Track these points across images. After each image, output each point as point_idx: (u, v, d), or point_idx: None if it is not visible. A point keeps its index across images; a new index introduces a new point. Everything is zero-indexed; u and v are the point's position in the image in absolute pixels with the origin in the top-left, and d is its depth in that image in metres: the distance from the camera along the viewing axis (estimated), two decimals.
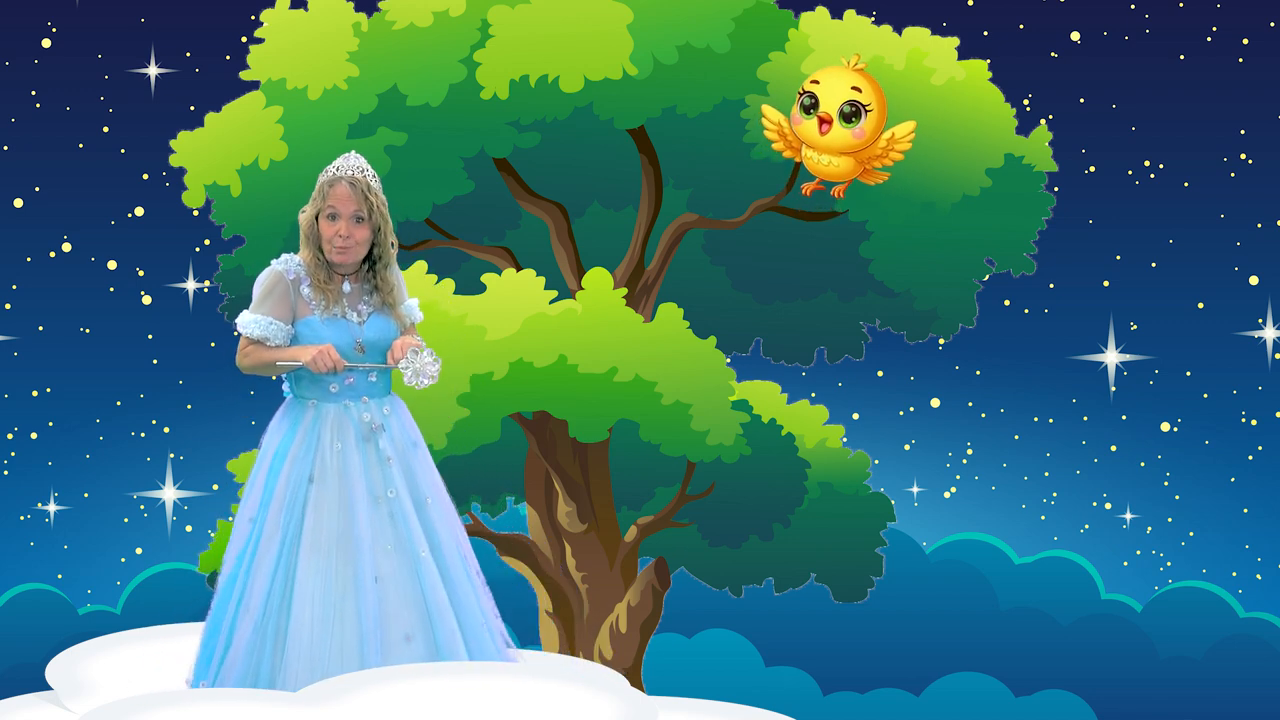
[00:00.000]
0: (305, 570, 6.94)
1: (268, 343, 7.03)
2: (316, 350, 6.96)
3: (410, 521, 7.06)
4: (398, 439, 7.14)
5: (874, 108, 8.94)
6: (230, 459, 11.33)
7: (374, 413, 7.10)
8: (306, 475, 7.02)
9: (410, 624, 7.00)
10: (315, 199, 7.09)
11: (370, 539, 6.98)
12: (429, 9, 10.89)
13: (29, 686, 7.66)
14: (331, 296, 7.07)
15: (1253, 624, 13.08)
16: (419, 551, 7.04)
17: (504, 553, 11.57)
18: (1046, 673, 12.93)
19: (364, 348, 7.09)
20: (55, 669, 7.47)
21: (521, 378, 10.58)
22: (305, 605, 6.93)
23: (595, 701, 6.86)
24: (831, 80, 8.89)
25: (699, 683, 12.27)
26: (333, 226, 7.06)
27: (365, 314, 7.13)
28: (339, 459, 7.04)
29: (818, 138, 8.92)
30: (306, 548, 6.96)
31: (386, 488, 7.06)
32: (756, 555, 11.59)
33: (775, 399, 11.67)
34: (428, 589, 7.03)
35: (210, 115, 11.27)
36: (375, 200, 7.10)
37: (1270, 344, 12.95)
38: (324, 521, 6.98)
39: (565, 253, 11.54)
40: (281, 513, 6.99)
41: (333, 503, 7.01)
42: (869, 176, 9.49)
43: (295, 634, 6.93)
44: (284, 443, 7.07)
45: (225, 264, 11.49)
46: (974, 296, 11.43)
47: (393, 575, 6.99)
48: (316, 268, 7.07)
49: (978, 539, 13.33)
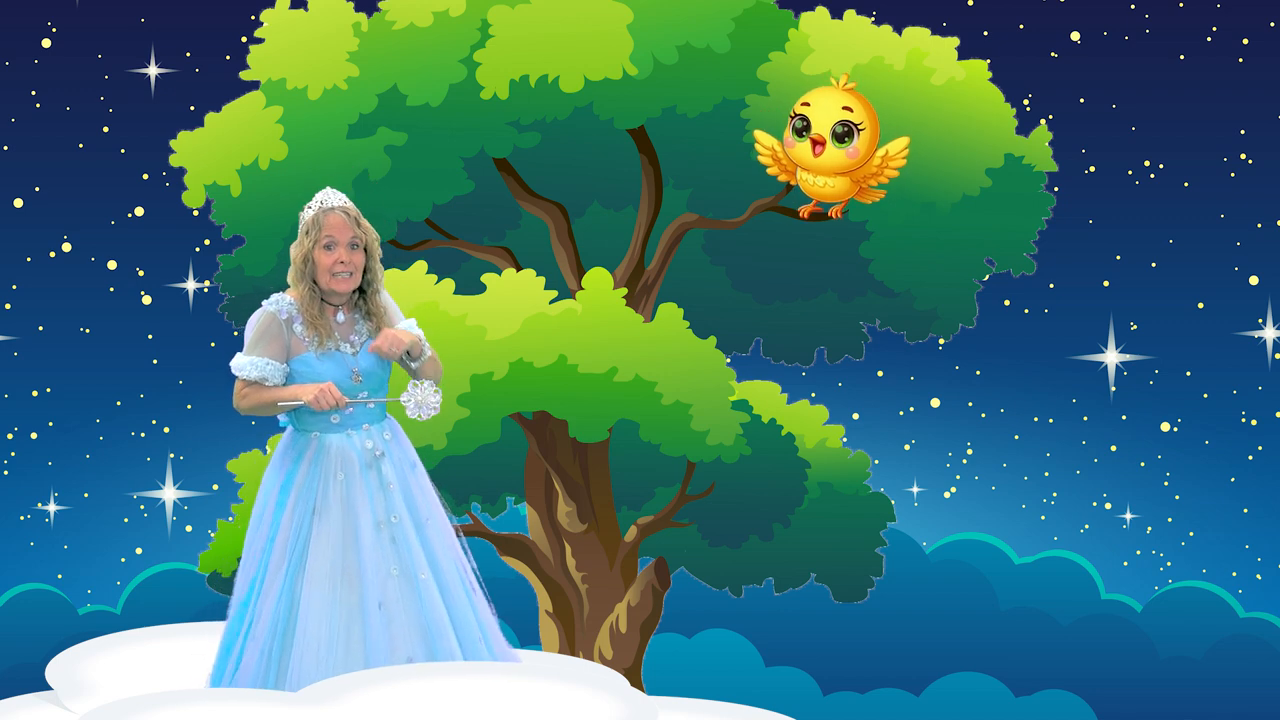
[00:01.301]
0: (308, 602, 7.07)
1: (265, 383, 7.15)
2: (318, 390, 7.08)
3: (411, 544, 7.18)
4: (398, 463, 7.27)
5: (866, 126, 8.95)
6: (230, 459, 11.34)
7: (375, 440, 7.23)
8: (310, 508, 7.15)
9: (413, 647, 7.11)
10: (308, 233, 7.20)
11: (374, 566, 7.12)
12: (429, 9, 10.89)
13: (29, 686, 7.67)
14: (325, 331, 7.19)
15: (1253, 624, 13.08)
16: (419, 574, 7.16)
17: (504, 553, 11.57)
18: (1046, 673, 12.92)
19: (361, 377, 7.21)
20: (55, 669, 7.48)
21: (521, 378, 10.58)
22: (308, 635, 7.05)
23: (595, 701, 6.87)
24: (822, 101, 8.90)
25: (699, 683, 12.26)
26: (331, 255, 7.18)
27: (358, 344, 7.24)
28: (343, 489, 7.16)
29: (812, 160, 8.93)
30: (310, 580, 7.09)
31: (390, 513, 7.19)
32: (756, 555, 11.59)
33: (775, 399, 11.67)
34: (428, 610, 7.14)
35: (210, 115, 11.27)
36: (366, 226, 7.25)
37: (1270, 344, 12.95)
38: (326, 554, 7.11)
39: (565, 253, 11.54)
40: (286, 545, 7.12)
41: (336, 535, 7.13)
42: (865, 195, 9.51)
43: (297, 661, 7.05)
44: (289, 476, 7.19)
45: (225, 264, 11.48)
46: (974, 296, 11.43)
47: (397, 600, 7.12)
48: (310, 303, 7.19)
49: (978, 539, 13.32)
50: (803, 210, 9.96)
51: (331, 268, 7.17)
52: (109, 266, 12.81)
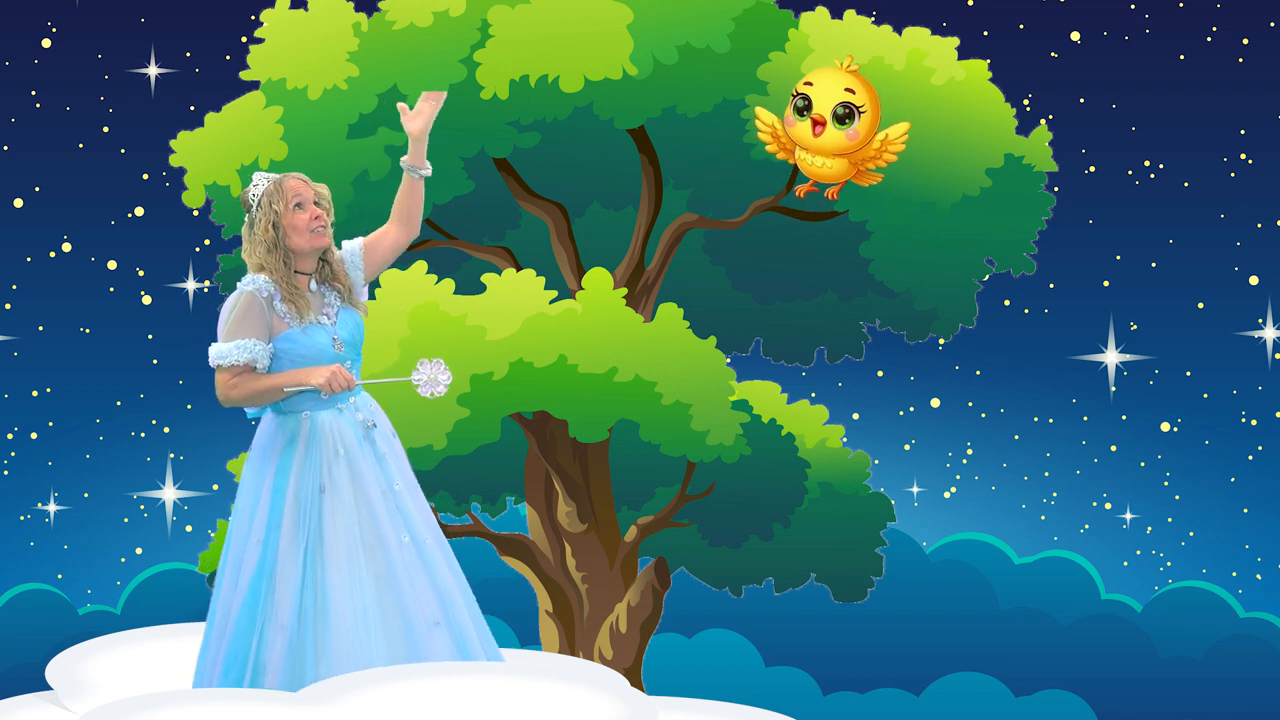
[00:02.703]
0: (335, 580, 6.97)
1: (255, 366, 7.00)
2: (329, 373, 6.96)
3: (410, 512, 7.13)
4: (385, 432, 7.21)
5: (867, 109, 8.94)
6: (230, 459, 11.33)
7: (365, 411, 7.16)
8: (316, 486, 7.04)
9: (435, 610, 7.06)
10: (271, 203, 7.08)
11: (392, 534, 7.05)
12: (429, 9, 10.89)
13: (29, 686, 7.66)
14: (304, 304, 7.09)
15: (1253, 624, 13.08)
16: (424, 539, 7.11)
17: (504, 553, 11.57)
18: (1046, 673, 12.93)
19: (342, 346, 7.13)
20: (55, 669, 7.48)
21: (521, 378, 10.58)
22: (340, 613, 6.95)
23: (595, 701, 6.87)
24: (825, 81, 8.90)
25: (699, 683, 12.27)
26: (303, 214, 7.12)
27: (334, 313, 7.17)
28: (346, 464, 7.06)
29: (811, 139, 8.93)
30: (331, 557, 6.99)
31: (391, 482, 7.12)
32: (756, 555, 11.59)
33: (775, 399, 11.67)
34: (436, 575, 7.09)
35: (210, 115, 11.27)
36: (320, 185, 7.21)
37: (1270, 344, 12.95)
38: (341, 527, 7.01)
39: (565, 253, 11.54)
40: (297, 526, 7.01)
41: (348, 507, 7.04)
42: (862, 178, 9.49)
43: (337, 642, 6.95)
44: (284, 459, 7.07)
45: (225, 264, 11.49)
46: (974, 296, 11.43)
47: (414, 566, 7.05)
48: (287, 278, 7.08)
49: (978, 539, 13.33)
50: (799, 189, 9.94)
51: (309, 224, 7.09)
52: (109, 266, 12.82)
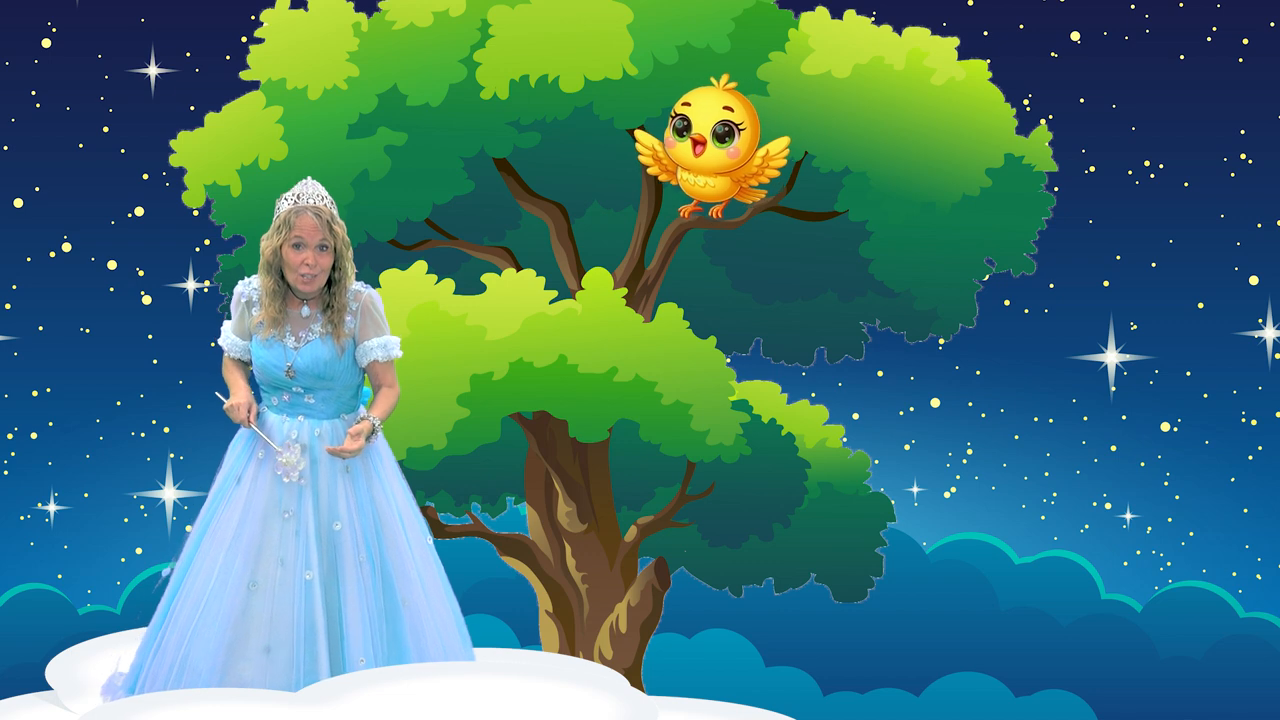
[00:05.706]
0: (198, 563, 7.20)
1: (229, 354, 7.43)
2: (231, 404, 7.31)
3: (309, 543, 7.19)
4: (329, 467, 7.29)
5: (746, 126, 8.98)
6: None
7: (302, 434, 7.28)
8: (236, 475, 7.32)
9: (274, 638, 7.13)
10: (279, 228, 7.27)
11: (260, 546, 7.19)
12: (429, 9, 10.89)
13: (29, 686, 7.66)
14: (271, 321, 7.27)
15: (1253, 624, 13.08)
16: (305, 574, 7.16)
17: (504, 553, 11.57)
18: (1046, 673, 12.93)
19: (294, 373, 7.28)
20: (55, 669, 7.48)
21: (521, 378, 10.58)
22: (186, 598, 7.17)
23: (595, 701, 6.87)
24: (703, 101, 8.94)
25: (699, 683, 12.26)
26: (299, 255, 7.24)
27: (306, 339, 7.28)
28: (256, 465, 7.29)
29: (692, 159, 8.98)
30: (208, 540, 7.22)
31: (299, 504, 7.24)
32: (756, 555, 11.58)
33: (775, 399, 11.67)
34: (305, 610, 7.14)
35: (210, 115, 11.27)
36: (338, 229, 7.29)
37: (1270, 344, 12.95)
38: (227, 519, 7.23)
39: (565, 253, 11.54)
40: (205, 506, 7.32)
41: (241, 504, 7.25)
42: (745, 195, 9.52)
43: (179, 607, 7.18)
44: (234, 441, 7.41)
45: (225, 264, 11.49)
46: (974, 296, 11.43)
47: (271, 587, 7.16)
48: (272, 293, 7.27)
49: (978, 539, 13.32)
50: (683, 210, 9.94)
51: (297, 268, 7.24)
52: (109, 266, 12.82)
